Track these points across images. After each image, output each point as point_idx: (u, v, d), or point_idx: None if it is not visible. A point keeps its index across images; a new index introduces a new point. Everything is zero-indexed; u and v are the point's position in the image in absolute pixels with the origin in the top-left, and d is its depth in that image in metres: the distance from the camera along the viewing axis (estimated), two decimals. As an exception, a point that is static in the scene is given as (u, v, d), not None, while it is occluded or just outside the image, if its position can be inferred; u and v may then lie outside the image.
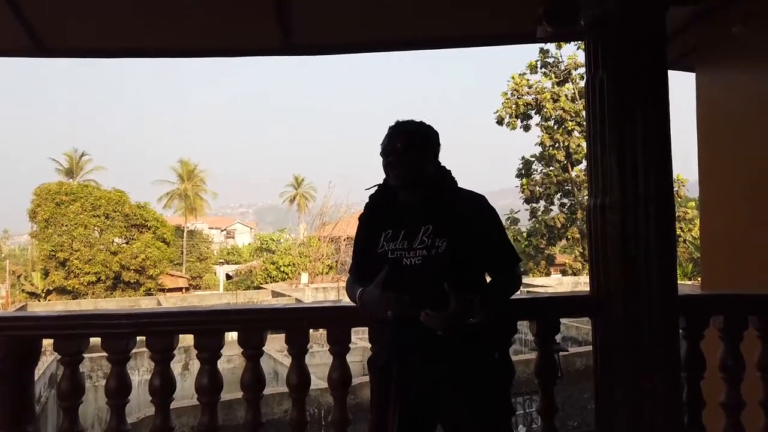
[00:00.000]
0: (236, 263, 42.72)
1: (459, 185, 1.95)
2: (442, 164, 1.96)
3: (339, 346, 2.30)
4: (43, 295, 30.52)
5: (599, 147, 2.29)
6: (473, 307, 1.75)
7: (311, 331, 2.32)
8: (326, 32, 2.92)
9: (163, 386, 2.23)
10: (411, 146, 1.86)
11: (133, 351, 2.25)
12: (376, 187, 1.97)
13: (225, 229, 71.48)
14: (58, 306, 22.79)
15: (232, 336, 2.35)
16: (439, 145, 1.95)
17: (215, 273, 39.07)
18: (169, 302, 21.50)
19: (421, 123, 1.95)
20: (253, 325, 2.30)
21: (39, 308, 21.89)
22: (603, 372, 2.32)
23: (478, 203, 1.90)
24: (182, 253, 40.19)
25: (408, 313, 1.76)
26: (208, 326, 2.26)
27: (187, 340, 2.44)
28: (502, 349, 2.19)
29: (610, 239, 2.26)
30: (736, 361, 2.41)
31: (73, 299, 27.56)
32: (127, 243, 31.86)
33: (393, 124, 1.92)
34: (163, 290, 31.80)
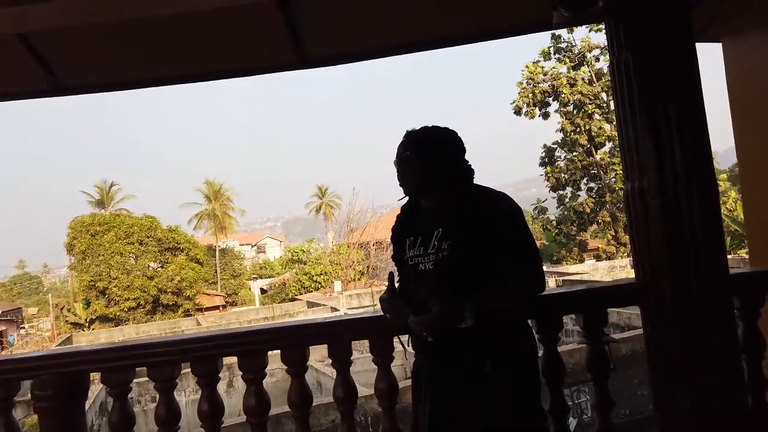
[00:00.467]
0: (269, 277, 43.15)
1: (481, 185, 1.89)
2: (465, 164, 1.90)
3: (382, 357, 2.27)
4: (87, 324, 31.29)
5: (631, 129, 2.21)
6: (462, 311, 1.68)
7: (351, 340, 2.30)
8: (339, 41, 2.90)
9: (211, 410, 2.22)
10: (418, 155, 1.84)
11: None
12: (406, 198, 1.96)
13: (255, 245, 72.25)
14: (102, 334, 23.31)
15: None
16: (454, 146, 1.89)
17: (250, 288, 39.52)
18: (208, 321, 21.79)
19: (433, 128, 1.90)
20: (295, 342, 2.28)
21: (83, 338, 22.40)
22: (658, 358, 2.24)
23: (492, 203, 1.82)
24: (216, 272, 40.78)
25: (400, 318, 1.81)
26: (250, 347, 2.25)
27: (229, 357, 2.44)
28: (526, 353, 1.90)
29: (651, 223, 2.17)
30: (797, 337, 2.31)
31: (116, 326, 28.17)
32: (162, 267, 32.49)
33: (405, 132, 1.91)
34: (200, 309, 32.32)
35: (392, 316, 1.88)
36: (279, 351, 2.27)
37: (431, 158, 1.83)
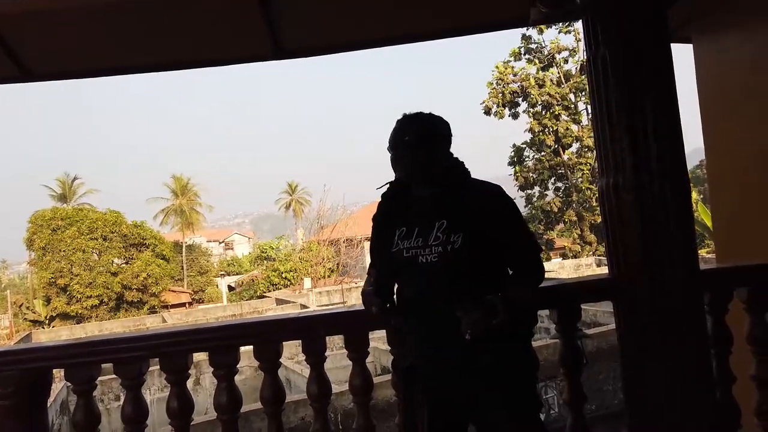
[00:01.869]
0: (237, 274, 42.63)
1: (472, 177, 1.87)
2: (454, 156, 1.88)
3: (358, 353, 2.24)
4: (47, 322, 30.37)
5: (607, 125, 2.23)
6: (495, 308, 1.67)
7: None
8: (313, 33, 2.85)
9: (181, 407, 2.16)
10: (420, 138, 1.77)
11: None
12: (387, 185, 1.90)
13: (223, 241, 71.26)
14: (63, 332, 22.67)
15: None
16: (450, 136, 1.86)
17: (217, 285, 38.95)
18: (174, 318, 21.39)
19: (430, 114, 1.86)
20: (268, 337, 2.24)
21: (44, 336, 21.76)
22: (629, 353, 2.26)
23: (494, 194, 1.80)
24: (183, 269, 40.05)
25: (377, 313, 1.80)
26: (222, 342, 2.19)
27: (196, 355, 2.37)
28: (525, 344, 1.97)
29: (626, 219, 2.20)
30: (764, 332, 2.36)
31: (78, 323, 27.41)
32: (127, 263, 31.73)
33: (400, 116, 1.84)
34: (166, 307, 31.69)
35: (366, 308, 1.88)
36: (251, 347, 2.23)
37: (433, 144, 1.80)
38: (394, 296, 1.89)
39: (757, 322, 2.37)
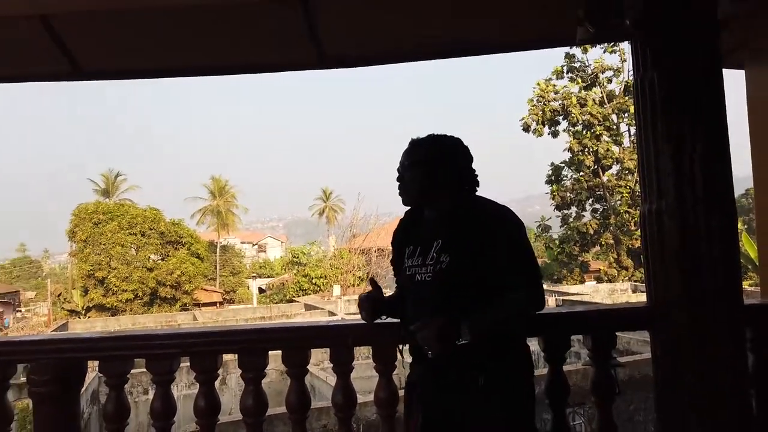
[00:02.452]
0: (268, 276, 43.11)
1: (484, 197, 1.85)
2: (469, 174, 1.86)
3: (385, 365, 2.23)
4: (83, 312, 31.25)
5: (652, 149, 2.18)
6: (459, 329, 1.65)
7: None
8: (360, 43, 2.88)
9: (208, 407, 2.19)
10: (415, 164, 1.83)
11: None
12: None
13: (256, 244, 72.18)
14: (97, 323, 23.28)
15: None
16: (458, 156, 1.85)
17: (248, 287, 39.46)
18: (205, 317, 21.74)
19: (436, 137, 1.87)
20: (297, 343, 2.25)
21: (79, 326, 22.38)
22: (666, 386, 2.19)
23: (494, 217, 1.77)
24: (216, 268, 40.74)
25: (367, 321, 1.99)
26: (252, 345, 2.22)
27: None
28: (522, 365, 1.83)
29: (667, 246, 2.14)
30: (809, 373, 2.26)
31: (112, 316, 28.11)
32: (162, 259, 32.47)
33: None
34: (198, 305, 32.25)
35: (365, 316, 1.98)
36: (279, 351, 2.24)
37: (430, 168, 1.82)
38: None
39: (802, 362, 2.26)
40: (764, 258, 3.04)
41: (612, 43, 26.71)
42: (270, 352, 2.25)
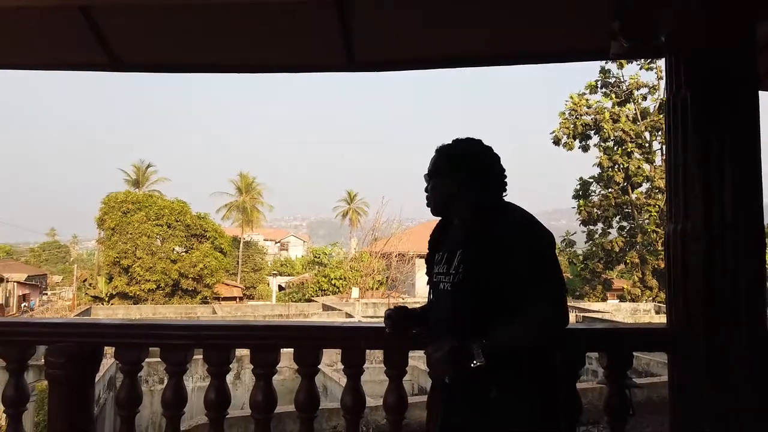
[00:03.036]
0: (289, 275, 43.39)
1: (514, 206, 1.79)
2: (494, 181, 1.81)
3: (396, 370, 2.23)
4: (107, 299, 31.85)
5: (681, 170, 2.14)
6: (472, 352, 1.60)
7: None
8: (390, 48, 2.88)
9: (219, 400, 2.21)
10: (432, 174, 1.82)
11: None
12: None
13: (279, 242, 72.77)
14: (119, 310, 23.72)
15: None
16: (483, 164, 1.80)
17: (268, 284, 39.78)
18: (224, 311, 21.99)
19: (461, 143, 1.84)
20: (310, 342, 2.26)
21: (102, 312, 22.84)
22: (683, 411, 2.14)
23: (515, 227, 1.70)
24: (238, 263, 41.18)
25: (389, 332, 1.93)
26: (265, 341, 2.23)
27: (239, 350, 2.42)
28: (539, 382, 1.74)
29: (691, 268, 2.09)
30: (833, 408, 2.18)
31: (134, 304, 28.60)
32: (186, 252, 32.94)
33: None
34: (218, 299, 32.63)
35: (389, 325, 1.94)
36: (292, 349, 2.25)
37: (445, 178, 1.80)
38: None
39: (827, 396, 2.18)
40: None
41: (648, 60, 26.29)
42: (283, 350, 2.26)
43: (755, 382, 2.03)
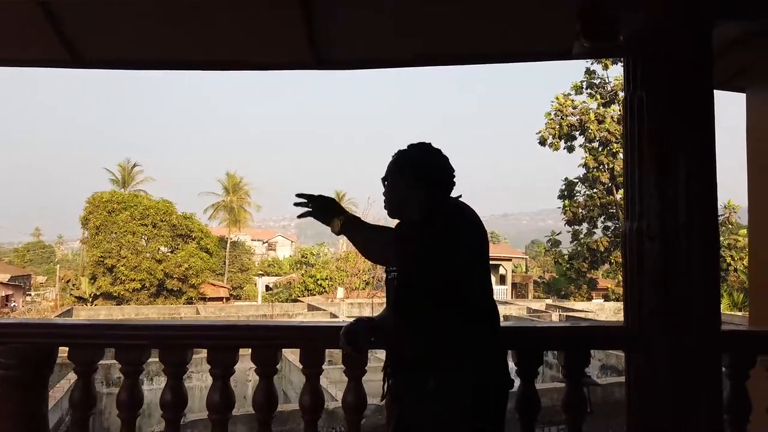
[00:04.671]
0: (276, 275, 43.22)
1: (458, 206, 1.82)
2: (432, 185, 1.83)
3: (354, 370, 2.22)
4: (90, 300, 31.52)
5: (637, 169, 2.16)
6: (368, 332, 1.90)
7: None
8: (357, 47, 2.87)
9: (174, 401, 2.18)
10: (383, 179, 1.90)
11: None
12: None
13: (267, 242, 72.39)
14: (102, 311, 23.48)
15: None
16: (423, 169, 1.83)
17: (256, 284, 39.59)
18: (207, 311, 21.83)
19: (415, 148, 1.89)
20: (268, 342, 2.24)
21: (84, 313, 22.60)
22: (638, 410, 2.16)
23: (435, 234, 1.72)
24: (225, 264, 40.93)
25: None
26: (221, 342, 2.21)
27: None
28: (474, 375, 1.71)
29: (646, 267, 2.11)
30: (786, 406, 2.21)
31: (118, 305, 28.33)
32: (171, 252, 32.68)
33: None
34: (204, 299, 32.42)
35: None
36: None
37: (394, 180, 1.86)
38: None
39: (780, 394, 2.21)
40: (754, 288, 2.99)
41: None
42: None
43: (709, 379, 2.05)
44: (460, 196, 1.90)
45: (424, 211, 1.79)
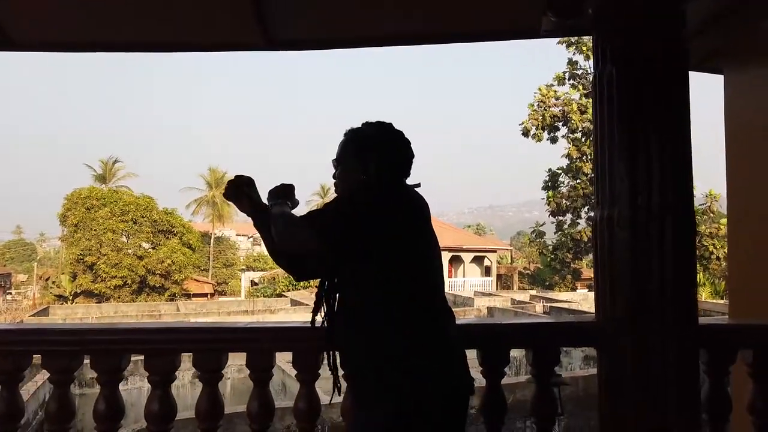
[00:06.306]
0: (262, 270, 42.87)
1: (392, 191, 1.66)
2: (402, 170, 1.70)
3: (306, 374, 2.05)
4: (71, 298, 31.01)
5: (607, 151, 2.00)
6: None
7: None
8: (312, 26, 2.69)
9: (109, 411, 1.99)
10: (334, 161, 1.76)
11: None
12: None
13: (252, 236, 71.83)
14: (79, 309, 23.04)
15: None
16: (369, 150, 1.67)
17: (240, 279, 39.24)
18: (188, 308, 21.52)
19: (353, 130, 1.74)
20: (212, 345, 2.06)
21: (60, 311, 22.17)
22: (609, 409, 2.01)
23: (359, 221, 1.58)
24: (209, 259, 40.51)
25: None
26: (159, 346, 2.03)
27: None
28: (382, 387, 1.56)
29: (618, 257, 1.96)
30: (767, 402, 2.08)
31: (98, 302, 27.89)
32: (153, 248, 32.23)
33: None
34: (188, 295, 32.04)
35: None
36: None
37: (360, 162, 1.68)
38: None
39: (761, 390, 2.08)
40: (733, 279, 2.86)
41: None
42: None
43: (686, 376, 1.91)
44: (418, 185, 1.74)
45: (366, 195, 1.61)
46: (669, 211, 1.92)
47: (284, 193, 1.76)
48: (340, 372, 1.74)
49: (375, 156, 1.64)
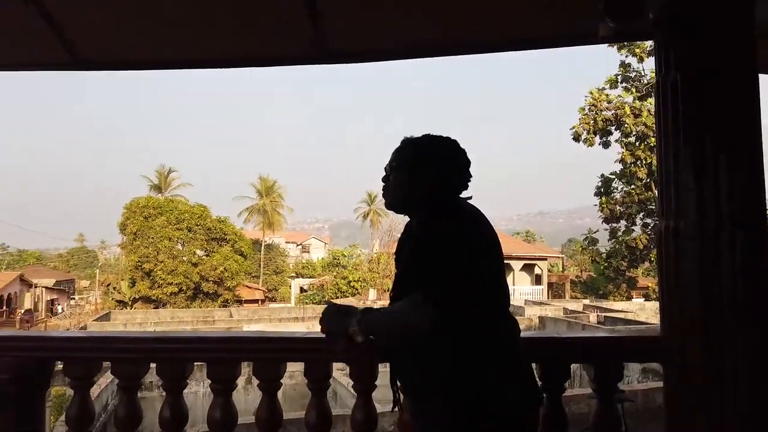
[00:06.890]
0: (310, 277, 43.46)
1: (457, 207, 1.63)
2: (449, 183, 1.65)
3: (317, 383, 2.09)
4: (130, 303, 32.25)
5: (672, 161, 1.93)
6: (350, 319, 1.57)
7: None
8: (365, 38, 2.71)
9: (174, 418, 2.06)
10: (391, 170, 1.69)
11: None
12: None
13: (300, 244, 72.96)
14: (138, 314, 23.95)
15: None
16: (430, 161, 1.63)
17: (290, 286, 39.90)
18: (241, 314, 22.03)
19: (418, 140, 1.68)
20: (269, 355, 2.10)
21: (120, 316, 23.08)
22: (677, 426, 1.93)
23: (419, 231, 1.60)
24: (260, 266, 41.38)
25: None
26: (221, 355, 2.08)
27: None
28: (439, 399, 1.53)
29: (685, 270, 1.88)
30: None
31: (155, 308, 28.88)
32: (207, 255, 33.18)
33: None
34: (240, 302, 32.79)
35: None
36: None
37: (397, 174, 1.67)
38: None
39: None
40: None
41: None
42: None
43: (756, 394, 1.81)
44: (470, 198, 1.71)
45: (422, 210, 1.60)
46: (739, 222, 1.83)
47: (348, 310, 1.63)
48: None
49: (434, 168, 1.62)
